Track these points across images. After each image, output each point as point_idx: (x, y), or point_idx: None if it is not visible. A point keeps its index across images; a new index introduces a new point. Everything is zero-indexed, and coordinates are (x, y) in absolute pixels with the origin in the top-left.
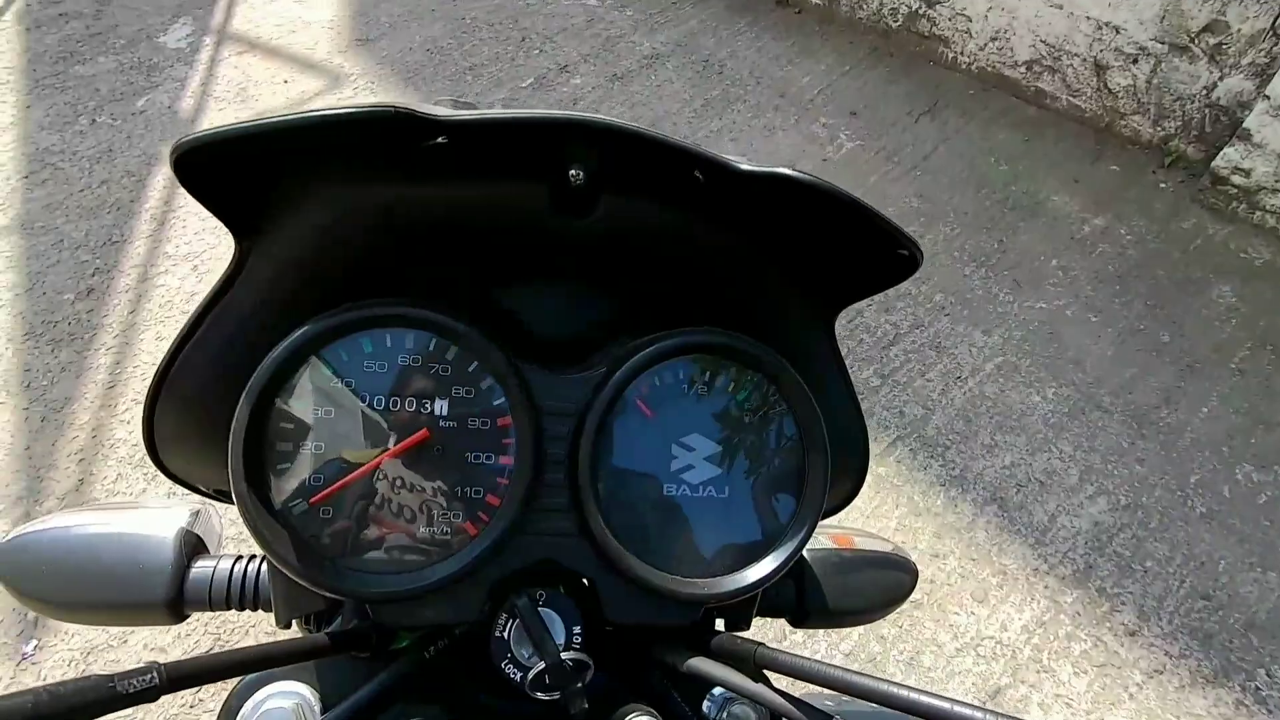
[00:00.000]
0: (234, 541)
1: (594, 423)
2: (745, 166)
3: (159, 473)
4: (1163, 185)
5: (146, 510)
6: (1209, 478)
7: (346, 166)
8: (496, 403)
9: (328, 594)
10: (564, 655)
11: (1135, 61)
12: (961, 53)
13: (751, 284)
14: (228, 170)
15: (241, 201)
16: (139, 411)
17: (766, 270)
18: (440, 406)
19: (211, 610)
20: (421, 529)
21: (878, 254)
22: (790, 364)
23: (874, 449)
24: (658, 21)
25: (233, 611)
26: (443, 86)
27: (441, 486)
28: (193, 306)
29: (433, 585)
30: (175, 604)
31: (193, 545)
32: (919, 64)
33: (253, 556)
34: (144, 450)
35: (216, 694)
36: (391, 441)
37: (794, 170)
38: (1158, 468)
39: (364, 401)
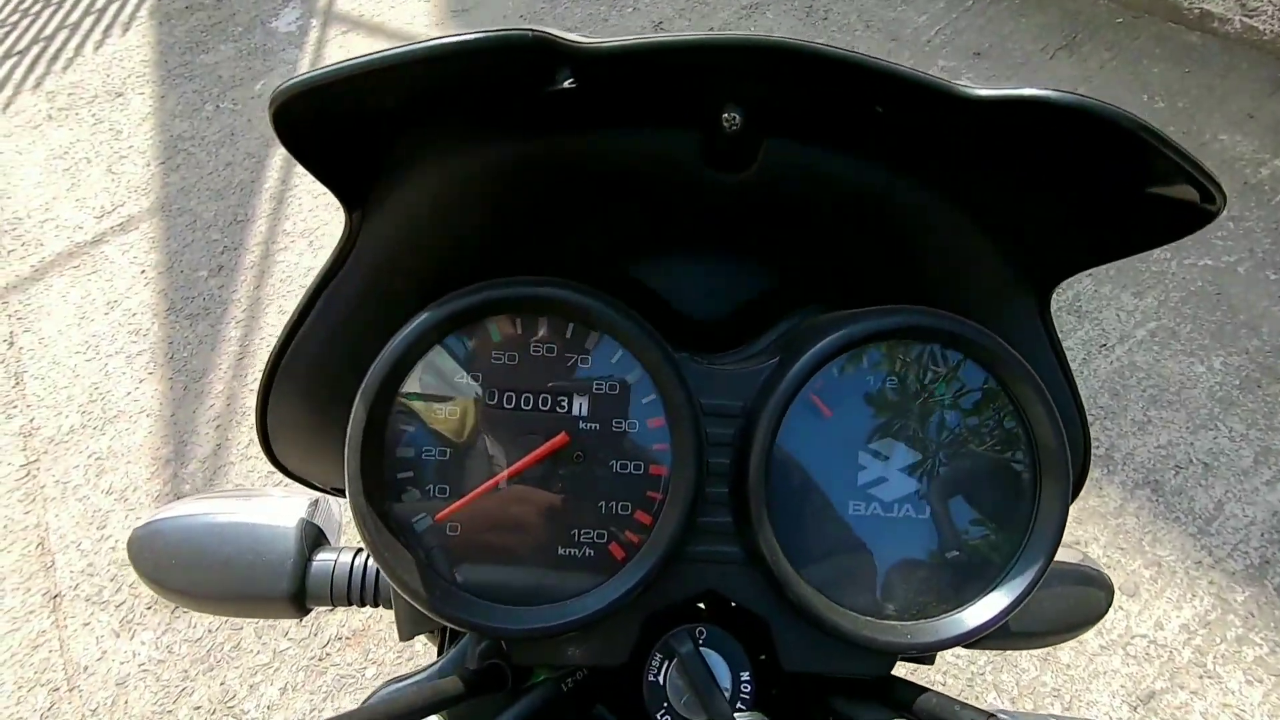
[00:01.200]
0: (353, 529)
1: (769, 425)
2: (981, 92)
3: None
4: None
5: (269, 499)
6: None
7: (464, 119)
8: (646, 400)
9: (455, 627)
10: (736, 717)
11: None
12: None
13: (949, 249)
14: (334, 126)
15: (350, 165)
16: None
17: (968, 231)
18: (579, 405)
19: (333, 605)
20: (560, 550)
21: (1146, 201)
22: None
23: None
24: None
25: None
26: None
27: (583, 500)
28: (310, 281)
29: (576, 622)
30: (298, 598)
31: (313, 537)
32: None
33: None
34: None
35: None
36: (525, 447)
37: (1051, 90)
38: None
39: (492, 400)
